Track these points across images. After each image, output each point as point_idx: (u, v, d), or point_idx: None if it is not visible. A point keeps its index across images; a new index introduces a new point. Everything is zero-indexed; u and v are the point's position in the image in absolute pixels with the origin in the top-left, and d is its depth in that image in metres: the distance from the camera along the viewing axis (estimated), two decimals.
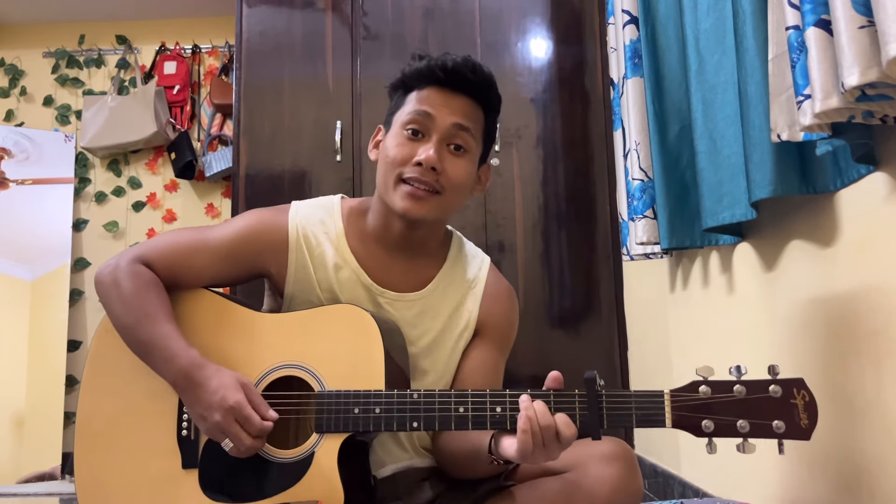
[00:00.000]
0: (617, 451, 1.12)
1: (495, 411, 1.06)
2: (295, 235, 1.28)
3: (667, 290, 2.19)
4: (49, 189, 3.65)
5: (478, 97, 1.26)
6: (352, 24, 2.91)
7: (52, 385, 3.37)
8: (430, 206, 1.21)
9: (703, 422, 0.99)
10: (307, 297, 1.28)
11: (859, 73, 0.92)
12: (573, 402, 1.02)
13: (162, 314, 1.18)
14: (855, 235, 1.23)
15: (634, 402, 1.01)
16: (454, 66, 1.22)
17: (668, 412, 1.00)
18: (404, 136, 1.23)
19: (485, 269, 1.37)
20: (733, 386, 0.99)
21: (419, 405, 1.10)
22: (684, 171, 1.79)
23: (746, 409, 0.98)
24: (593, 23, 2.90)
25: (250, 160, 2.86)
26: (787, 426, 0.96)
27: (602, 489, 1.09)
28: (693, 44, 1.62)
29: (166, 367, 1.15)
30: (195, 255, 1.26)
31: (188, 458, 1.17)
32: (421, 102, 1.23)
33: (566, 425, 0.99)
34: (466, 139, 1.23)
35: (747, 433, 0.97)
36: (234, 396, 1.09)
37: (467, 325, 1.32)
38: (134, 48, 3.88)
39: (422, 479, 1.29)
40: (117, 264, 1.24)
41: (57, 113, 3.83)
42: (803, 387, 0.98)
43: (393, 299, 1.28)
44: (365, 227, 1.31)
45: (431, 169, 1.19)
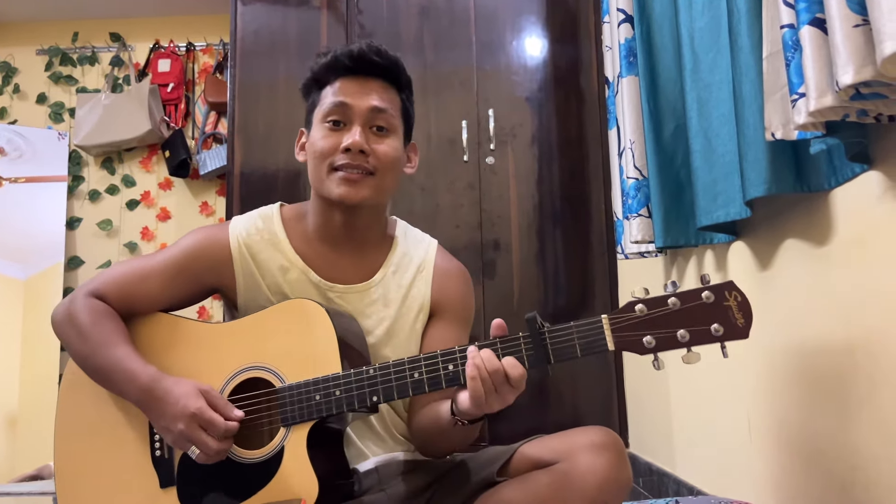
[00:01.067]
0: (606, 441, 1.13)
1: (447, 369, 1.08)
2: (237, 246, 1.30)
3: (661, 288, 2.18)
4: (42, 187, 3.64)
5: (388, 78, 1.29)
6: (347, 23, 2.91)
7: (46, 384, 3.36)
8: (366, 188, 1.24)
9: (644, 338, 1.00)
10: (260, 303, 1.30)
11: (854, 72, 0.93)
12: (519, 344, 1.04)
13: (118, 339, 1.22)
14: (849, 234, 1.23)
15: (575, 331, 1.03)
16: (359, 51, 1.26)
17: (608, 335, 1.01)
18: (326, 128, 1.26)
19: (431, 251, 1.39)
20: (667, 299, 1.00)
21: (376, 378, 1.12)
22: (679, 169, 1.79)
23: (683, 318, 0.99)
24: (588, 21, 2.90)
25: (245, 158, 2.86)
26: (725, 328, 0.98)
27: (592, 479, 1.09)
28: (688, 42, 1.63)
29: (128, 388, 1.18)
30: (145, 281, 1.29)
31: (165, 477, 1.20)
32: (336, 94, 1.26)
33: (512, 367, 1.02)
34: (387, 118, 1.27)
35: (688, 342, 0.99)
36: (195, 403, 1.11)
37: (421, 308, 1.34)
38: (128, 46, 3.87)
39: (405, 470, 1.29)
40: (72, 299, 1.27)
41: (50, 111, 3.82)
42: (734, 288, 0.99)
43: (343, 292, 1.31)
44: (306, 228, 1.33)
45: (360, 152, 1.23)
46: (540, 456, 1.17)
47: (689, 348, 0.99)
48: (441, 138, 2.82)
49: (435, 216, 2.77)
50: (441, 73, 2.86)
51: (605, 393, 2.70)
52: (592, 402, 2.71)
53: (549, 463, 1.15)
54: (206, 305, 3.57)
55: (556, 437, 1.19)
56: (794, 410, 1.41)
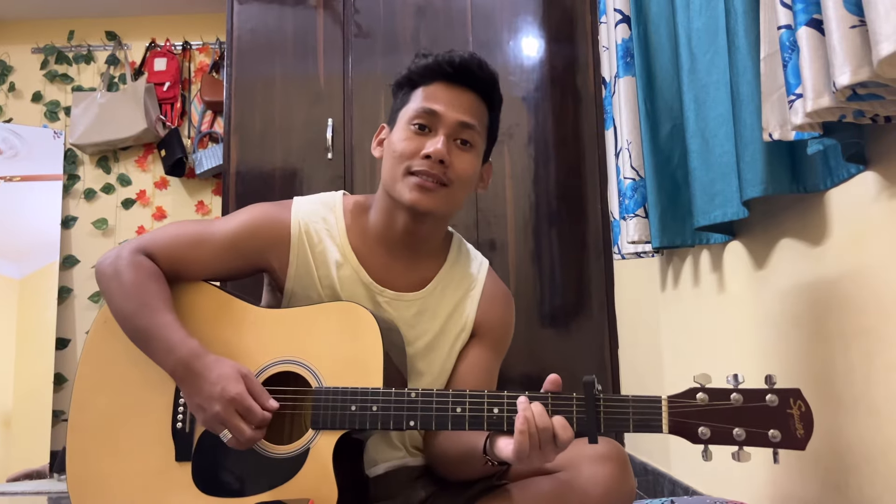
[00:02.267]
0: (610, 452, 1.12)
1: (492, 412, 1.06)
2: (297, 231, 1.28)
3: (658, 288, 2.19)
4: (37, 186, 3.63)
5: (483, 94, 1.27)
6: (343, 22, 2.91)
7: (41, 383, 3.35)
8: (437, 198, 1.21)
9: (700, 429, 0.99)
10: (307, 293, 1.27)
11: (851, 73, 0.93)
12: (571, 406, 1.03)
13: (162, 304, 1.18)
14: (844, 234, 1.23)
15: (632, 407, 1.01)
16: (462, 61, 1.24)
17: (665, 418, 1.00)
18: (411, 130, 1.23)
19: (483, 271, 1.37)
20: (730, 394, 0.99)
21: (416, 404, 1.10)
22: (675, 170, 1.79)
23: (743, 417, 0.98)
24: (585, 22, 2.90)
25: (241, 157, 2.85)
26: (783, 435, 0.96)
27: (595, 489, 1.09)
28: (685, 43, 1.63)
29: (166, 357, 1.14)
30: (197, 247, 1.26)
31: (182, 451, 1.17)
32: (427, 99, 1.23)
33: (563, 428, 0.99)
34: (472, 135, 1.24)
35: (743, 441, 0.98)
36: (236, 387, 1.08)
37: (464, 327, 1.32)
38: (124, 44, 3.86)
39: (414, 477, 1.29)
40: (119, 254, 1.23)
41: (46, 109, 3.81)
42: (800, 397, 0.98)
43: (392, 298, 1.28)
44: (367, 225, 1.31)
45: (440, 162, 1.20)
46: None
47: (741, 447, 0.98)
48: None
49: None
50: None
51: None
52: None
53: (550, 471, 1.15)
54: None
55: None
56: None
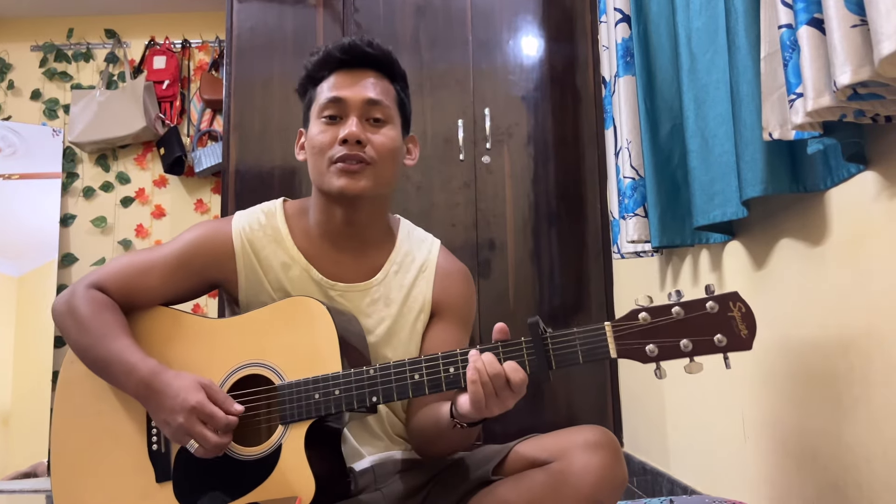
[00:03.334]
0: (601, 440, 1.12)
1: (448, 372, 1.08)
2: (240, 241, 1.30)
3: (657, 288, 2.19)
4: (36, 184, 3.63)
5: (382, 69, 1.29)
6: (343, 21, 2.90)
7: (39, 382, 3.35)
8: (364, 178, 1.24)
9: (647, 347, 1.00)
10: (261, 300, 1.30)
11: (851, 72, 0.93)
12: (521, 349, 1.04)
13: (118, 330, 1.21)
14: (844, 234, 1.23)
15: (578, 338, 1.02)
16: (351, 44, 1.27)
17: (611, 343, 1.01)
18: (323, 123, 1.26)
19: (434, 250, 1.39)
20: (671, 308, 1.00)
21: (376, 379, 1.12)
22: (675, 169, 1.79)
23: (687, 328, 0.99)
24: (585, 21, 2.90)
25: (240, 156, 2.85)
26: (729, 339, 0.98)
27: (587, 477, 1.09)
28: (685, 42, 1.63)
29: (127, 380, 1.17)
30: (146, 274, 1.28)
31: (161, 472, 1.19)
32: (330, 89, 1.27)
33: (514, 371, 1.02)
34: (383, 110, 1.27)
35: (691, 351, 0.99)
36: (195, 396, 1.10)
37: (422, 308, 1.34)
38: (123, 42, 3.86)
39: (400, 469, 1.29)
40: (73, 292, 1.26)
41: (45, 107, 3.80)
42: (738, 299, 0.99)
43: (344, 290, 1.30)
44: (308, 224, 1.33)
45: (357, 142, 1.23)
46: (535, 455, 1.16)
47: (691, 358, 0.99)
48: (437, 137, 2.82)
49: (430, 215, 2.76)
50: (437, 71, 2.86)
51: (599, 392, 2.71)
52: (587, 402, 2.71)
53: (544, 462, 1.15)
54: (199, 302, 3.57)
55: (551, 436, 1.19)
56: (789, 410, 1.41)
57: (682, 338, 0.99)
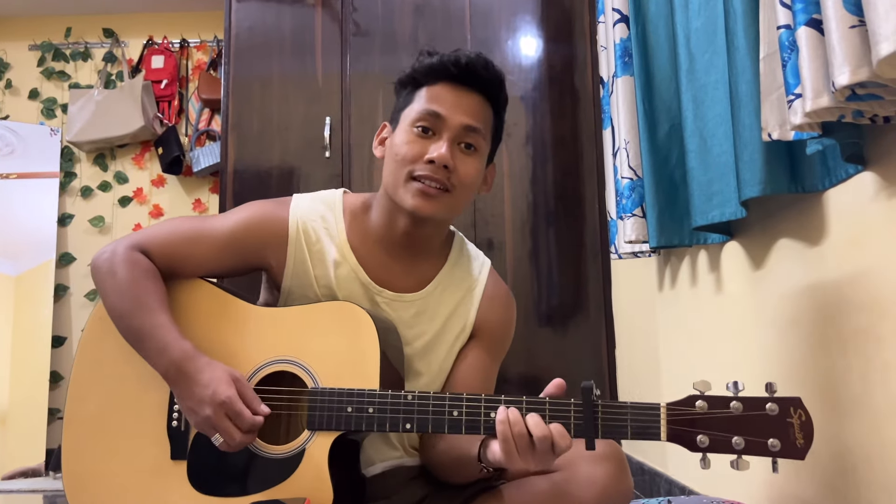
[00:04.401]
0: (607, 452, 1.11)
1: (489, 416, 1.04)
2: (295, 229, 1.27)
3: (655, 288, 2.19)
4: (34, 183, 3.62)
5: (488, 95, 1.24)
6: (341, 20, 2.90)
7: (36, 381, 3.34)
8: (440, 204, 1.19)
9: (699, 437, 0.98)
10: (304, 292, 1.27)
11: (850, 73, 0.93)
12: (569, 412, 1.02)
13: (157, 304, 1.17)
14: (842, 234, 1.24)
15: (630, 413, 1.00)
16: (468, 62, 1.21)
17: (663, 425, 0.99)
18: (414, 133, 1.21)
19: (485, 271, 1.35)
20: (730, 402, 0.98)
21: (413, 406, 1.09)
22: (673, 169, 1.79)
23: (742, 425, 0.97)
24: (583, 21, 2.90)
25: (238, 156, 2.85)
26: (783, 445, 0.95)
27: (592, 489, 1.09)
28: (684, 43, 1.63)
29: (158, 358, 1.14)
30: (194, 245, 1.25)
31: (177, 450, 1.17)
32: (431, 101, 1.21)
33: (561, 436, 0.98)
34: (477, 139, 1.22)
35: (742, 450, 0.97)
36: (226, 391, 1.08)
37: (464, 328, 1.31)
38: (121, 42, 3.85)
39: (411, 477, 1.28)
40: (114, 251, 1.22)
41: (43, 106, 3.80)
42: (800, 406, 0.97)
43: (391, 299, 1.27)
44: (367, 225, 1.29)
45: (443, 167, 1.18)
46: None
47: (740, 455, 0.97)
48: None
49: None
50: None
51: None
52: None
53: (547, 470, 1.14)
54: None
55: None
56: None
57: (735, 435, 0.97)
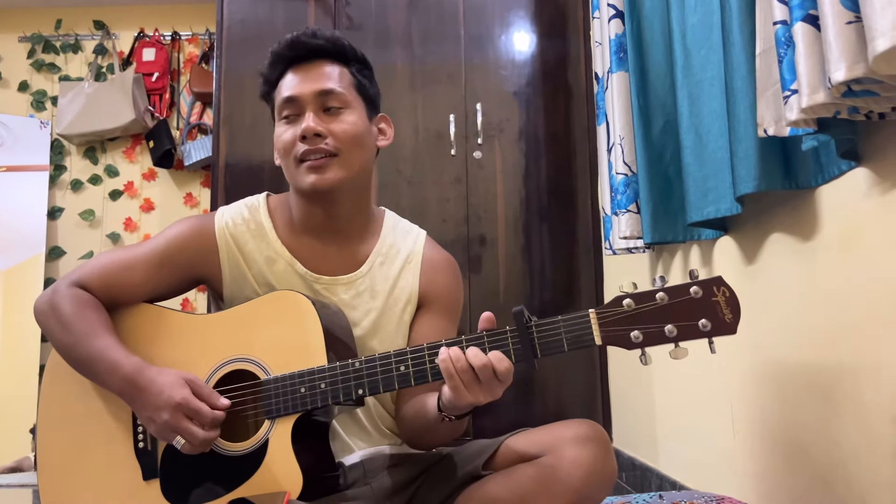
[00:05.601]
0: (590, 434, 1.13)
1: (434, 363, 1.07)
2: (223, 236, 1.30)
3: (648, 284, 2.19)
4: (23, 176, 3.59)
5: (330, 56, 1.28)
6: (334, 14, 2.89)
7: (26, 375, 3.32)
8: (332, 170, 1.23)
9: (632, 333, 1.00)
10: (245, 294, 1.29)
11: (846, 69, 0.93)
12: (506, 339, 1.04)
13: (102, 329, 1.20)
14: (835, 231, 1.24)
15: (563, 325, 1.02)
16: (293, 39, 1.27)
17: (596, 330, 1.01)
18: (283, 123, 1.27)
19: (420, 241, 1.38)
20: (655, 294, 1.00)
21: (362, 371, 1.11)
22: (668, 165, 1.79)
23: (671, 313, 0.99)
24: (577, 17, 2.90)
25: (230, 150, 2.83)
26: (713, 323, 0.97)
27: (577, 471, 1.09)
28: (679, 39, 1.63)
29: (111, 378, 1.16)
30: (129, 271, 1.28)
31: (148, 470, 1.18)
32: (283, 90, 1.27)
33: (499, 360, 1.01)
34: (337, 98, 1.26)
35: (676, 337, 0.98)
36: (180, 393, 1.10)
37: (409, 300, 1.33)
38: (112, 34, 3.83)
39: (390, 464, 1.29)
40: (55, 290, 1.26)
41: (32, 99, 3.77)
42: (722, 283, 0.99)
43: (329, 283, 1.30)
44: (292, 219, 1.32)
45: (316, 135, 1.22)
46: (525, 449, 1.17)
47: (676, 343, 0.99)
48: (428, 132, 2.81)
49: (421, 210, 2.76)
50: (429, 66, 2.85)
51: (589, 387, 2.71)
52: (576, 397, 2.72)
53: (534, 456, 1.15)
54: (189, 297, 3.55)
55: (541, 431, 1.19)
56: (778, 406, 1.42)
57: (666, 323, 0.99)
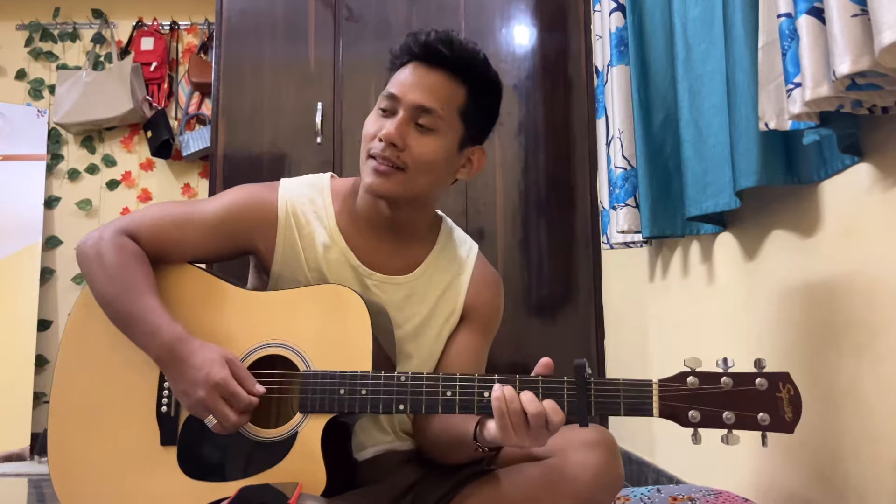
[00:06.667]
0: (598, 438, 1.12)
1: (483, 396, 1.05)
2: (284, 213, 1.26)
3: (646, 279, 2.20)
4: (20, 165, 3.58)
5: (456, 72, 1.22)
6: (334, 5, 2.88)
7: (22, 365, 3.32)
8: (392, 182, 1.19)
9: (690, 412, 1.00)
10: (294, 276, 1.26)
11: (851, 62, 0.92)
12: (561, 389, 1.02)
13: (146, 287, 1.16)
14: (837, 226, 1.24)
15: (622, 390, 1.01)
16: (426, 40, 1.20)
17: (655, 401, 1.00)
18: (376, 114, 1.23)
19: (473, 255, 1.36)
20: (721, 378, 0.99)
21: (406, 388, 1.09)
22: (668, 159, 1.79)
23: (732, 400, 0.99)
24: (577, 10, 2.89)
25: (229, 140, 2.82)
26: (772, 419, 0.97)
27: (584, 475, 1.09)
28: (680, 32, 1.62)
29: (149, 342, 1.13)
30: (182, 229, 1.24)
31: (167, 435, 1.15)
32: (393, 82, 1.22)
33: (554, 411, 0.99)
34: (432, 119, 1.20)
35: (732, 424, 0.98)
36: (220, 372, 1.07)
37: (453, 311, 1.31)
38: (110, 23, 3.80)
39: (402, 462, 1.28)
40: (101, 235, 1.21)
41: (30, 87, 3.75)
42: (789, 381, 0.98)
43: (381, 282, 1.27)
44: (354, 208, 1.29)
45: (392, 145, 1.18)
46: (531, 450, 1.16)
47: (730, 430, 0.99)
48: None
49: None
50: None
51: None
52: None
53: (539, 457, 1.15)
54: None
55: None
56: None
57: (726, 409, 0.99)
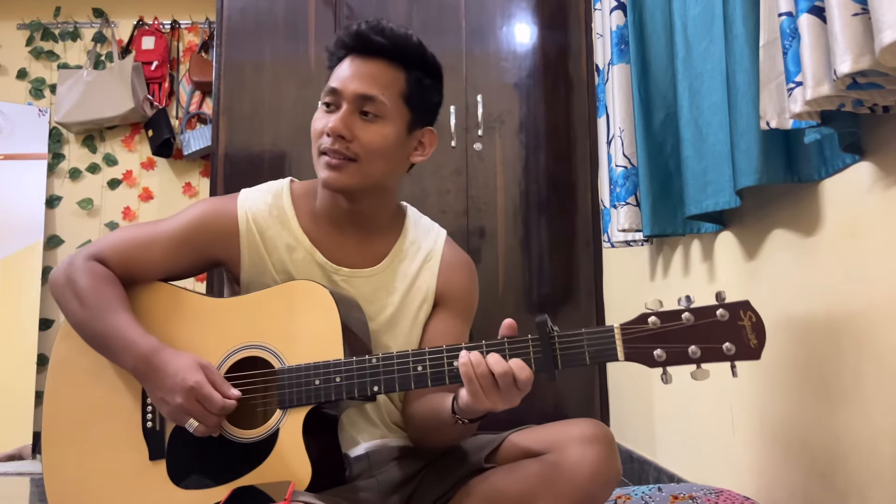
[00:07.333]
0: (597, 434, 1.12)
1: (452, 365, 1.06)
2: (245, 220, 1.28)
3: (647, 277, 2.20)
4: (22, 165, 3.58)
5: (393, 59, 1.23)
6: (335, 4, 2.88)
7: (24, 364, 3.32)
8: (346, 174, 1.20)
9: (655, 351, 0.99)
10: (263, 280, 1.28)
11: (852, 61, 0.92)
12: (527, 347, 1.03)
13: (118, 305, 1.19)
14: (837, 225, 1.24)
15: (586, 339, 1.02)
16: (358, 30, 1.22)
17: (619, 346, 1.00)
18: (322, 110, 1.24)
19: (440, 241, 1.37)
20: (681, 314, 1.00)
21: (378, 368, 1.10)
22: (668, 158, 1.79)
23: (696, 334, 0.99)
24: (578, 9, 2.89)
25: (229, 139, 2.83)
26: (738, 348, 0.97)
27: (582, 471, 1.09)
28: (681, 31, 1.62)
29: (125, 356, 1.15)
30: (148, 248, 1.27)
31: (155, 450, 1.18)
32: (333, 77, 1.23)
33: (520, 368, 1.00)
34: (375, 105, 1.21)
35: (699, 358, 0.98)
36: (194, 377, 1.09)
37: (426, 298, 1.32)
38: (111, 22, 3.80)
39: (396, 457, 1.29)
40: (71, 262, 1.24)
41: (31, 86, 3.74)
42: (749, 308, 0.99)
43: (348, 276, 1.29)
44: (315, 207, 1.31)
45: (340, 137, 1.19)
46: (529, 445, 1.17)
47: (699, 365, 0.99)
48: None
49: (421, 201, 2.73)
50: None
51: (587, 380, 2.72)
52: (575, 390, 2.72)
53: (538, 453, 1.15)
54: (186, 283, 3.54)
55: (546, 428, 1.19)
56: (778, 399, 1.42)
57: (690, 344, 0.99)
